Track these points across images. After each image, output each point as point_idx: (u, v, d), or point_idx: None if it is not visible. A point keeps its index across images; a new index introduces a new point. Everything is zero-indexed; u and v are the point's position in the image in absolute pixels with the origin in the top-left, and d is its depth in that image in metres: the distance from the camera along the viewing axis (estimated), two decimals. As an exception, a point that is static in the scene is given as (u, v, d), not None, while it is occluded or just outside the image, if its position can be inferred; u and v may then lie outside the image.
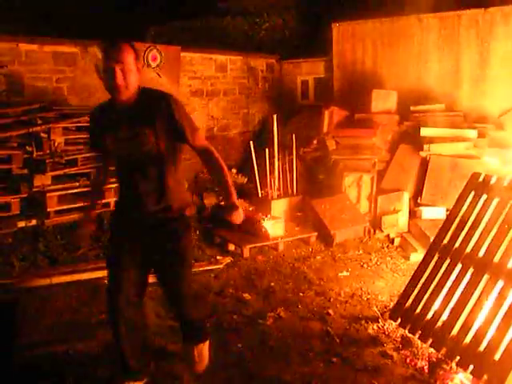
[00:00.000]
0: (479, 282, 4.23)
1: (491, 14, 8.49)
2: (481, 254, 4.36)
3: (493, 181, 4.61)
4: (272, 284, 6.00)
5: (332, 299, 5.58)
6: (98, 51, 8.16)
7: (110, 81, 3.14)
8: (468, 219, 4.63)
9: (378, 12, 9.84)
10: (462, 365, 4.01)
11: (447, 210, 6.68)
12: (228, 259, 6.71)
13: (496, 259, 4.21)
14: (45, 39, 7.64)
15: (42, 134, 6.48)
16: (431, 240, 5.15)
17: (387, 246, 7.27)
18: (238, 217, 3.49)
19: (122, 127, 3.29)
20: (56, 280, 5.30)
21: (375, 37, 9.88)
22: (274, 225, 7.18)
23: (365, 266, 6.62)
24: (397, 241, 7.32)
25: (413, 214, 7.51)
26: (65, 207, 6.53)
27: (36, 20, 11.71)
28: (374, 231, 7.58)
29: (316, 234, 7.44)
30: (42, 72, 7.59)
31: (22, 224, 6.21)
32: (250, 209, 7.91)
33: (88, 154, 6.84)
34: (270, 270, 6.47)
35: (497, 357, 3.82)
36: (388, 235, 7.48)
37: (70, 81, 7.89)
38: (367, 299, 5.57)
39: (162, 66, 9.02)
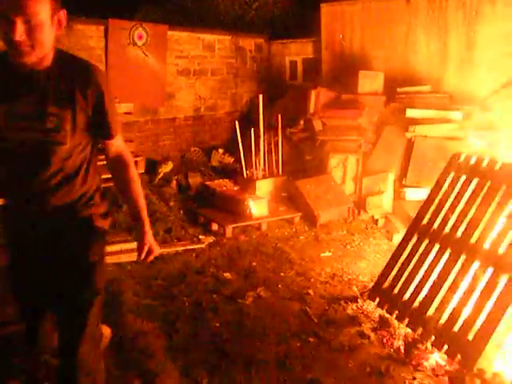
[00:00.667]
0: (456, 263, 4.24)
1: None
2: (458, 234, 4.37)
3: (472, 161, 4.60)
4: (253, 264, 6.00)
5: (313, 279, 5.58)
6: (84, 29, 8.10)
7: (7, 35, 2.19)
8: (447, 200, 4.63)
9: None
10: (437, 345, 4.05)
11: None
12: (210, 239, 6.69)
13: (473, 240, 4.22)
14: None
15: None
16: (412, 217, 5.17)
17: (371, 227, 7.27)
18: (151, 252, 2.78)
19: (22, 98, 2.34)
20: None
21: (363, 18, 9.79)
22: (258, 204, 7.16)
23: (348, 246, 6.62)
24: (381, 222, 7.32)
25: (397, 196, 7.50)
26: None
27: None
28: (359, 212, 7.57)
29: (300, 214, 7.43)
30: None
31: None
32: (235, 188, 7.88)
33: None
34: (253, 249, 6.46)
35: (470, 337, 3.85)
36: (372, 216, 7.47)
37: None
38: (348, 280, 5.58)
39: (149, 44, 8.94)
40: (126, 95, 8.16)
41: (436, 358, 4.01)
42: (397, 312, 4.49)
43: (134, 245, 5.84)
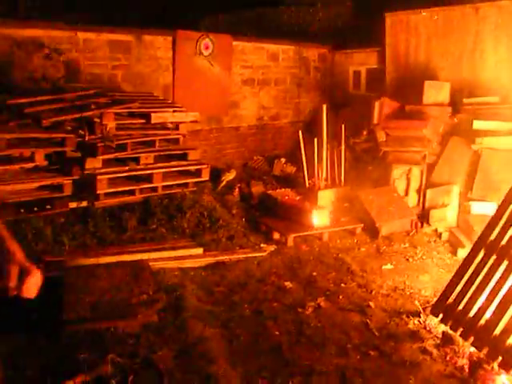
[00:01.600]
0: (525, 281, 4.13)
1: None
2: (528, 251, 4.25)
3: (544, 177, 4.47)
4: (314, 273, 5.99)
5: (374, 292, 5.53)
6: (153, 40, 8.35)
7: None
8: (516, 215, 4.51)
9: (433, 2, 9.63)
10: (505, 366, 3.93)
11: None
12: (272, 247, 6.73)
13: (543, 257, 4.09)
14: (101, 28, 7.86)
15: (95, 119, 6.66)
16: (477, 232, 5.06)
17: (434, 241, 7.13)
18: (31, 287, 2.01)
19: None
20: (103, 260, 5.46)
21: (429, 27, 9.66)
22: (320, 214, 7.15)
23: (410, 259, 6.52)
24: (445, 235, 7.16)
25: (462, 209, 7.33)
26: (114, 190, 6.69)
27: (92, 8, 12.04)
28: (422, 225, 7.44)
29: (362, 225, 7.37)
30: (98, 59, 7.84)
31: (73, 205, 6.43)
32: (297, 198, 7.90)
33: (138, 139, 7.00)
34: (313, 259, 6.46)
35: (539, 358, 3.73)
36: (436, 229, 7.34)
37: (124, 68, 8.11)
38: (410, 293, 5.50)
39: (215, 54, 9.12)
40: (191, 104, 8.32)
41: (503, 379, 3.88)
42: (461, 329, 4.39)
43: (197, 251, 6.01)
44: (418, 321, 4.83)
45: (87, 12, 12.32)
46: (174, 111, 7.33)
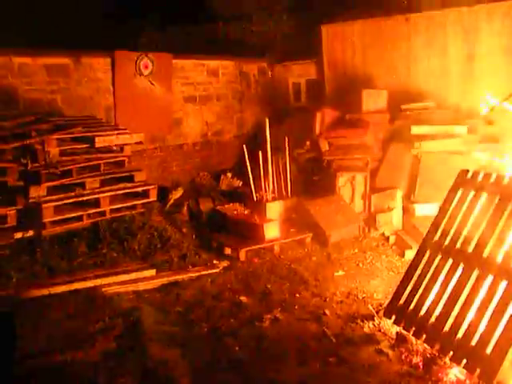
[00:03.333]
0: (470, 277, 4.30)
1: (475, 12, 8.60)
2: (470, 249, 4.43)
3: (480, 177, 4.68)
4: (268, 286, 6.06)
5: (328, 299, 5.64)
6: (92, 62, 8.28)
7: None
8: (457, 215, 4.70)
9: (367, 13, 9.94)
10: (456, 360, 4.09)
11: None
12: (225, 263, 6.76)
13: (485, 254, 4.28)
14: (37, 51, 7.72)
15: (37, 146, 6.53)
16: (423, 233, 5.23)
17: (382, 244, 7.32)
18: None
19: None
20: (54, 290, 5.36)
21: (364, 37, 9.97)
22: (270, 227, 7.23)
23: (360, 264, 6.68)
24: (392, 239, 7.37)
25: (407, 212, 7.57)
26: (61, 217, 6.58)
27: (26, 32, 11.80)
28: (369, 230, 7.64)
29: (311, 234, 7.49)
30: (36, 84, 7.67)
31: (18, 235, 6.26)
32: (246, 212, 7.96)
33: (83, 164, 6.91)
34: (267, 272, 6.53)
35: (488, 350, 3.89)
36: (383, 233, 7.54)
37: (63, 92, 7.98)
38: (363, 298, 5.64)
39: (155, 73, 9.11)
40: (134, 124, 8.25)
41: (455, 372, 4.06)
42: (414, 328, 4.53)
43: (150, 272, 5.99)
44: (373, 324, 4.96)
45: (22, 33, 12.11)
46: (117, 134, 7.27)
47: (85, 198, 6.80)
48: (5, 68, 7.36)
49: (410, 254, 6.60)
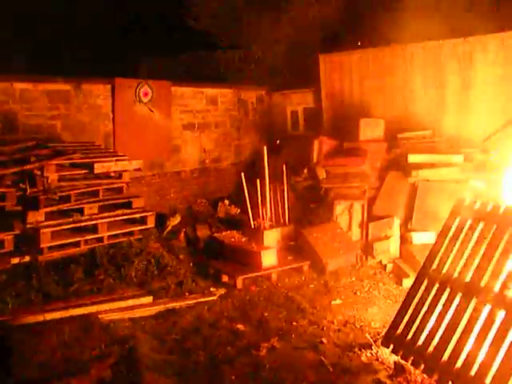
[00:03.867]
0: (468, 307, 4.29)
1: (470, 43, 8.73)
2: (468, 278, 4.43)
3: (477, 206, 4.70)
4: (265, 314, 6.03)
5: (325, 328, 5.61)
6: (92, 88, 8.36)
7: None
8: (454, 244, 4.71)
9: (364, 43, 10.10)
10: (455, 390, 4.06)
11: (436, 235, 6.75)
12: (222, 290, 6.73)
13: (483, 283, 4.28)
14: (38, 78, 7.81)
15: (36, 171, 6.56)
16: (420, 262, 5.23)
17: (380, 273, 7.31)
18: None
19: None
20: (49, 316, 5.32)
21: (361, 67, 10.09)
22: (267, 255, 7.22)
23: (358, 293, 6.66)
24: (389, 267, 7.36)
25: (404, 240, 7.57)
26: (58, 243, 6.57)
27: (27, 59, 11.95)
28: (366, 258, 7.63)
29: (308, 262, 7.48)
30: (37, 110, 7.75)
31: (15, 260, 6.24)
32: (243, 239, 7.96)
33: (81, 190, 6.93)
34: (264, 300, 6.50)
35: (488, 381, 3.86)
36: (380, 261, 7.53)
37: (63, 118, 8.05)
38: (360, 326, 5.61)
39: (154, 100, 9.19)
40: (133, 151, 8.31)
41: (454, 403, 4.02)
42: (412, 358, 4.50)
43: (146, 299, 5.95)
44: (371, 353, 4.93)
45: (23, 61, 12.26)
46: (116, 160, 7.30)
47: (83, 224, 6.81)
48: (6, 94, 7.44)
49: (407, 283, 6.60)
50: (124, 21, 14.92)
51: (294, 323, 5.75)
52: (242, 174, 8.30)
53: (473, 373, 4.00)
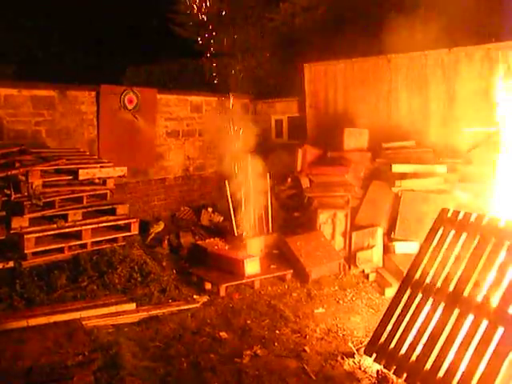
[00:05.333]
0: (450, 316, 4.35)
1: (455, 54, 8.85)
2: (451, 288, 4.49)
3: (460, 216, 4.77)
4: (248, 322, 6.04)
5: (308, 336, 5.63)
6: (77, 95, 8.33)
7: None
8: (438, 254, 4.77)
9: (349, 52, 10.18)
10: (436, 398, 4.10)
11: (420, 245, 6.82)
12: (205, 298, 6.73)
13: (465, 293, 4.34)
14: (23, 83, 7.78)
15: (21, 177, 6.53)
16: (403, 272, 5.28)
17: (362, 282, 7.36)
18: None
19: None
20: (33, 322, 5.28)
21: (346, 77, 10.18)
22: (250, 263, 7.23)
23: (340, 302, 6.69)
24: (372, 276, 7.41)
25: (387, 249, 7.63)
26: (42, 249, 6.53)
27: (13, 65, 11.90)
28: (349, 267, 7.67)
29: (292, 271, 7.50)
30: (21, 115, 7.71)
31: (-2, 266, 6.21)
32: (226, 247, 7.98)
33: (66, 196, 6.90)
34: (247, 308, 6.50)
35: (469, 390, 3.91)
36: (363, 271, 7.58)
37: (48, 124, 8.03)
38: (343, 335, 5.64)
39: (139, 107, 9.19)
40: (117, 157, 8.29)
41: (435, 411, 4.06)
42: (394, 367, 4.54)
43: (129, 306, 5.93)
44: (353, 361, 4.96)
45: (10, 64, 12.21)
46: (101, 166, 7.29)
47: (67, 230, 6.78)
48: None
49: (390, 292, 6.65)
50: (110, 28, 14.93)
51: (277, 331, 5.76)
52: (226, 182, 8.31)
53: (455, 382, 4.04)
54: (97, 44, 14.33)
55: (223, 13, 12.86)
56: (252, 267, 7.23)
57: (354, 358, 5.02)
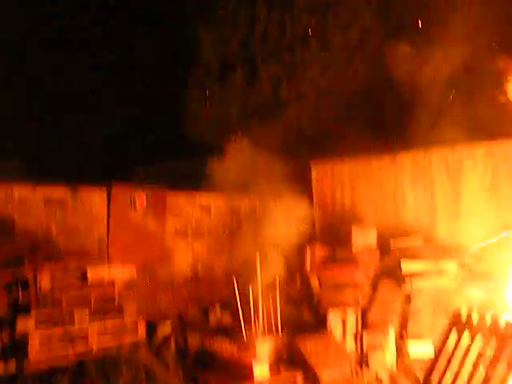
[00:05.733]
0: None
1: (458, 151, 9.05)
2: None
3: (474, 318, 4.69)
4: (258, 429, 5.79)
5: None
6: (87, 194, 8.48)
7: None
8: (453, 356, 4.66)
9: (355, 152, 10.40)
10: None
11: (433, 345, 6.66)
12: (212, 403, 6.50)
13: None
14: (37, 184, 7.97)
15: (29, 275, 6.51)
16: (419, 376, 5.13)
17: (375, 386, 7.12)
18: None
19: None
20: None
21: (352, 175, 10.37)
22: (259, 367, 7.04)
23: (354, 408, 6.45)
24: (385, 379, 7.17)
25: (399, 350, 7.44)
26: (47, 355, 6.35)
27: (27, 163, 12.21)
28: (362, 369, 7.44)
29: (302, 374, 7.27)
30: (33, 214, 7.81)
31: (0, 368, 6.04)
32: (234, 350, 7.78)
33: (73, 296, 6.84)
34: (256, 414, 6.26)
35: None
36: (376, 373, 7.34)
37: (59, 223, 8.11)
38: None
39: (149, 207, 9.30)
40: (126, 257, 8.31)
41: None
42: None
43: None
44: None
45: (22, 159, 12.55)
46: (110, 267, 7.29)
47: (73, 332, 6.66)
48: (5, 199, 7.55)
49: (405, 397, 6.42)
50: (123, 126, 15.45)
51: None
52: (235, 282, 8.25)
53: None
54: (110, 141, 14.81)
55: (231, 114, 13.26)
56: (261, 371, 7.04)
57: None
